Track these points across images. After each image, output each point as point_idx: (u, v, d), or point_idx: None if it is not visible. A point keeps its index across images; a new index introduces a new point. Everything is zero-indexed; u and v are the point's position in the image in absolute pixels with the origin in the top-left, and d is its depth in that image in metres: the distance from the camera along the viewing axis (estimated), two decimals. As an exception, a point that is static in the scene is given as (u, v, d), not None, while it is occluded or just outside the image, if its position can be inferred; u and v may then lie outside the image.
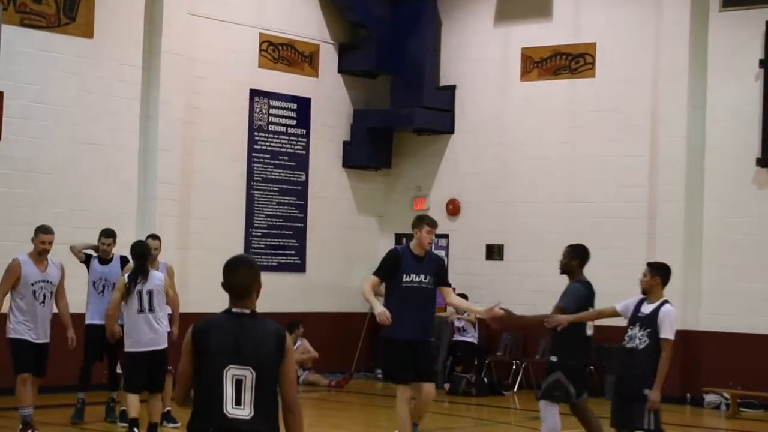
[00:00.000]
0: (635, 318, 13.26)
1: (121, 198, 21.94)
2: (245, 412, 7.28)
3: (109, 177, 21.91)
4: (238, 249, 23.43)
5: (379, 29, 25.54)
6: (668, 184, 22.76)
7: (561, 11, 24.49)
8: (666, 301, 13.16)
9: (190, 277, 21.11)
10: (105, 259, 17.17)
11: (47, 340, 15.70)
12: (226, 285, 7.56)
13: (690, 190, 22.53)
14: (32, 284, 15.15)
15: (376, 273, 15.08)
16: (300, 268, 24.98)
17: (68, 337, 15.45)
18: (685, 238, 22.45)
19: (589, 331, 14.87)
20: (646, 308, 13.23)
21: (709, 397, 21.81)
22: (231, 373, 7.32)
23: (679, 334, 20.59)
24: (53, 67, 21.11)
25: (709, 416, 21.42)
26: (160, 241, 16.52)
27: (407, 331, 13.87)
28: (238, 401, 7.32)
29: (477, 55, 25.57)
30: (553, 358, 14.03)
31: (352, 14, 25.64)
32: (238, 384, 7.40)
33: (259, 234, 24.40)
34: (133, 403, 14.96)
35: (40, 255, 15.23)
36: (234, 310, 7.48)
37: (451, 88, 25.81)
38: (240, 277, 7.56)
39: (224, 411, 7.29)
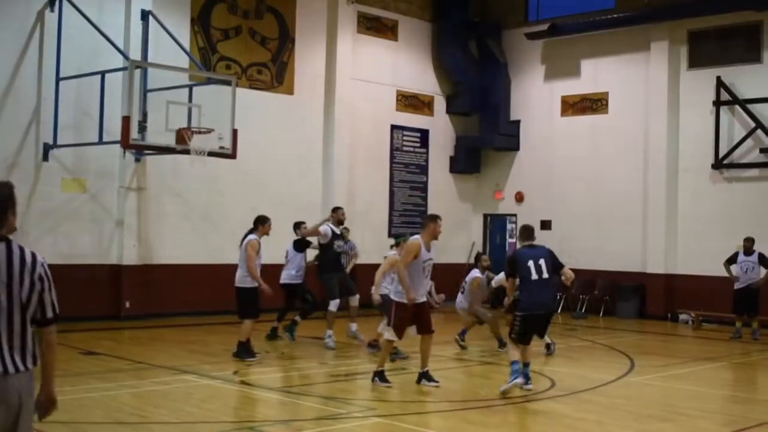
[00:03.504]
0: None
1: (311, 194, 22.95)
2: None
3: (302, 182, 22.91)
4: (384, 224, 24.89)
5: (471, 85, 26.19)
6: (654, 180, 23.49)
7: (586, 72, 25.11)
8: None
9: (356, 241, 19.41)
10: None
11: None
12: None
13: (669, 185, 23.22)
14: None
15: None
16: (423, 236, 25.73)
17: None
18: (666, 215, 23.21)
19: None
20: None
21: (683, 316, 22.52)
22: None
23: (664, 276, 22.27)
24: (269, 113, 22.30)
25: (682, 328, 21.68)
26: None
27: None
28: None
29: (533, 100, 26.19)
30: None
31: (453, 76, 26.42)
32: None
33: (398, 214, 25.43)
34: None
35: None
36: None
37: (517, 122, 26.48)
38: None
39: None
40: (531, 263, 11.64)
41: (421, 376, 12.04)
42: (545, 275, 11.63)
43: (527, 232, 12.23)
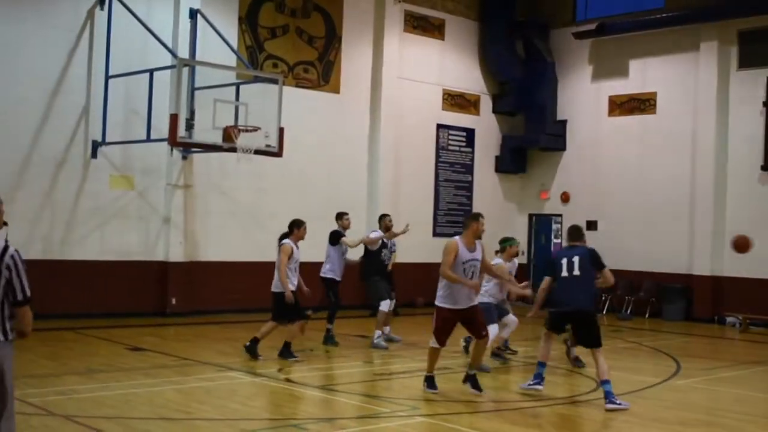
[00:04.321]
0: None
1: (356, 192, 23.12)
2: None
3: (348, 180, 23.11)
4: (429, 223, 24.94)
5: (517, 84, 26.32)
6: (702, 181, 23.36)
7: (634, 71, 25.05)
8: None
9: (399, 240, 18.36)
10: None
11: None
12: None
13: (717, 186, 23.05)
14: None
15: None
16: (467, 235, 25.94)
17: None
18: (714, 216, 23.05)
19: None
20: None
21: (730, 319, 22.26)
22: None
23: (710, 278, 22.14)
24: (315, 112, 22.47)
25: (729, 331, 21.51)
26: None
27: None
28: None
29: (580, 100, 26.21)
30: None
31: (500, 75, 26.58)
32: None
33: (442, 213, 25.56)
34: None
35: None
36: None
37: (564, 121, 26.54)
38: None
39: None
40: (564, 261, 11.33)
41: (467, 378, 11.57)
42: (576, 272, 11.21)
43: (572, 232, 11.85)
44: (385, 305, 15.78)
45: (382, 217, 16.78)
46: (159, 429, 9.07)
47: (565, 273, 11.27)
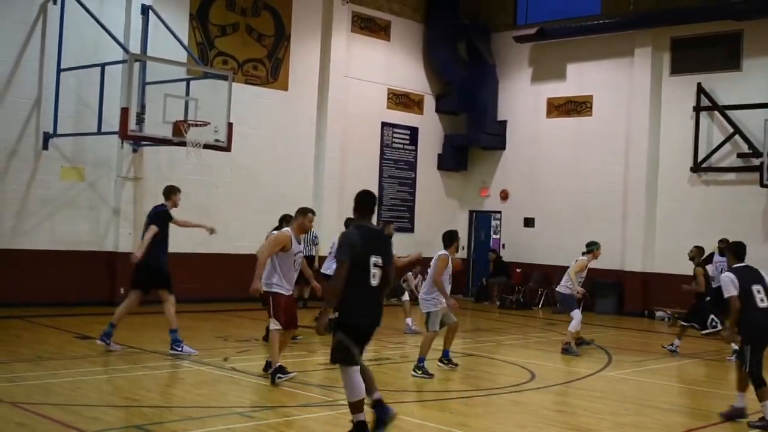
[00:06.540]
0: None
1: (301, 187, 23.03)
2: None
3: (294, 175, 22.90)
4: (373, 219, 24.54)
5: (460, 85, 26.35)
6: (635, 182, 23.78)
7: (571, 75, 25.39)
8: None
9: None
10: None
11: None
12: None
13: (649, 186, 23.50)
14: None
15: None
16: (410, 230, 25.86)
17: None
18: (646, 215, 23.49)
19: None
20: None
21: (659, 313, 22.78)
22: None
23: (641, 274, 22.40)
24: (264, 108, 22.45)
25: (658, 325, 21.91)
26: None
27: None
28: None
29: (520, 101, 26.46)
30: None
31: (443, 76, 26.60)
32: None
33: (386, 209, 25.56)
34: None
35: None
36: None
37: (504, 122, 26.76)
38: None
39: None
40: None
41: (276, 370, 11.17)
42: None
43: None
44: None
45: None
46: (106, 416, 8.99)
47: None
